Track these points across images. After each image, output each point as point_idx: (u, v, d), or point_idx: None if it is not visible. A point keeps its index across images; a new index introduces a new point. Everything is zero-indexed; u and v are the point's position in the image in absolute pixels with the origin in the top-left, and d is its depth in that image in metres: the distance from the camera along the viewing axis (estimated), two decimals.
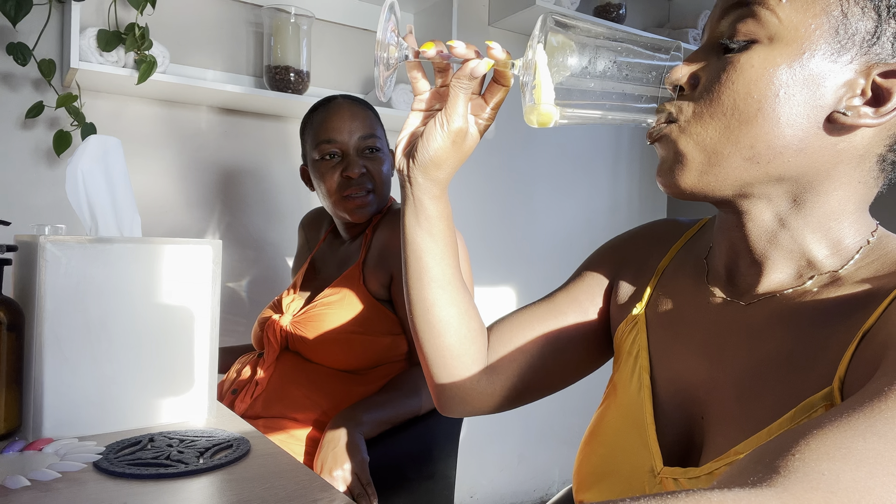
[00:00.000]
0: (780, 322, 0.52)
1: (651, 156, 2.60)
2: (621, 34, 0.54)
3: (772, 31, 0.49)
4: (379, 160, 1.26)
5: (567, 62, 0.53)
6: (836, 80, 0.48)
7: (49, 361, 0.66)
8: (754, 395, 0.51)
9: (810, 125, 0.49)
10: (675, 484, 0.53)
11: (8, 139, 1.48)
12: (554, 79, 0.53)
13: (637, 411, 0.60)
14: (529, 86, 0.54)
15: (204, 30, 1.70)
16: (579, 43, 0.53)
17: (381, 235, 1.24)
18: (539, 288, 2.31)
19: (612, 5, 2.18)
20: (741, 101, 0.49)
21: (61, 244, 0.67)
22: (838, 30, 0.48)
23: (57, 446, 0.63)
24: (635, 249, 0.71)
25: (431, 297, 0.67)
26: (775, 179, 0.51)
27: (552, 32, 0.53)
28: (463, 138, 0.60)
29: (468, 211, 2.15)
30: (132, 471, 0.58)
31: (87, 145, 0.82)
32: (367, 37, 1.96)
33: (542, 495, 2.38)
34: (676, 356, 0.59)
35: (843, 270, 0.52)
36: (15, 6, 1.30)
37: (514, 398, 0.71)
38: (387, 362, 1.21)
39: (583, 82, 0.54)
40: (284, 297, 1.30)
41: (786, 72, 0.48)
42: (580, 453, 0.65)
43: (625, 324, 0.66)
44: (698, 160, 0.52)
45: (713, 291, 0.59)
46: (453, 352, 0.68)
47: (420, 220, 0.64)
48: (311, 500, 0.55)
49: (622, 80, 0.54)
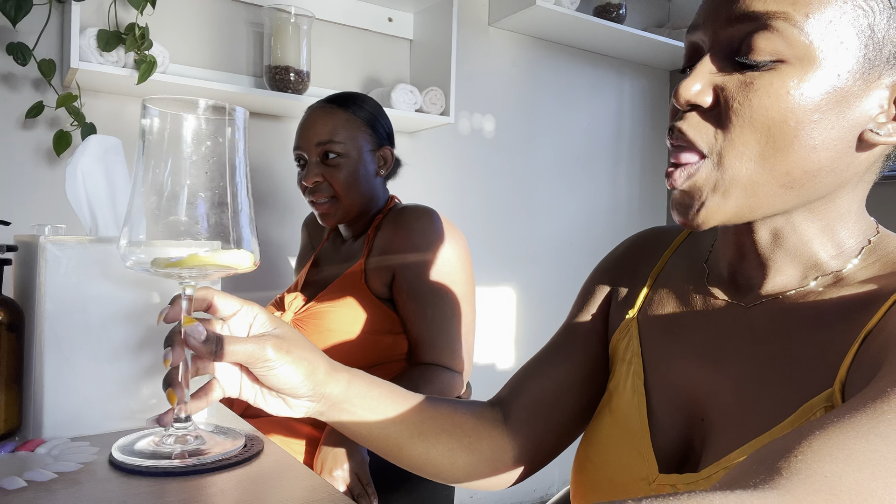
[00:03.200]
0: (782, 324, 0.51)
1: (651, 156, 2.60)
2: None
3: (800, 51, 0.45)
4: (339, 165, 1.23)
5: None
6: (867, 99, 0.46)
7: (49, 361, 0.66)
8: (755, 398, 0.50)
9: (843, 146, 0.47)
10: (671, 490, 0.52)
11: (8, 139, 1.48)
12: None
13: (631, 418, 0.59)
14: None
15: (204, 30, 1.70)
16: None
17: (384, 235, 1.24)
18: (539, 288, 2.31)
19: (612, 5, 2.18)
20: (776, 129, 0.46)
21: (61, 244, 0.67)
22: (867, 45, 0.45)
23: (49, 447, 0.63)
24: (625, 264, 0.69)
25: (415, 456, 0.64)
26: (805, 199, 0.49)
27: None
28: (268, 379, 0.57)
29: (468, 211, 2.15)
30: (132, 468, 0.58)
31: (87, 145, 0.82)
32: (367, 37, 1.96)
33: (542, 495, 2.38)
34: (674, 359, 0.58)
35: (846, 271, 0.51)
36: (15, 6, 1.30)
37: (543, 459, 0.69)
38: (387, 361, 1.21)
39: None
40: (287, 296, 1.30)
41: (820, 96, 0.45)
42: (576, 460, 0.64)
43: (618, 331, 0.65)
44: (735, 194, 0.48)
45: (714, 294, 0.58)
46: (469, 468, 0.66)
47: (344, 429, 0.63)
48: (311, 500, 0.55)
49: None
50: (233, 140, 0.58)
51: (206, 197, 0.56)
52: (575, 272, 2.38)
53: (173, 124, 0.56)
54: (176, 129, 0.56)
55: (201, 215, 0.56)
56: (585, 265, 2.41)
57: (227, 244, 0.57)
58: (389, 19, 1.97)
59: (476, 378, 2.15)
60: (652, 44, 2.28)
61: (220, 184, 0.57)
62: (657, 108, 2.61)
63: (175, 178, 0.56)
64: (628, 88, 2.53)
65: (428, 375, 1.16)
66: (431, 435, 0.64)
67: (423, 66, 1.98)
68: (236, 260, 0.57)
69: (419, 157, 2.05)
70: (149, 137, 0.56)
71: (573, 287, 2.38)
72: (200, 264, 0.56)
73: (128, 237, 0.57)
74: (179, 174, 0.56)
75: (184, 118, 0.56)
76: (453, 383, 1.18)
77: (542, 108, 2.31)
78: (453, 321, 1.19)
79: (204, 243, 0.56)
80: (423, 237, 1.20)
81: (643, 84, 2.57)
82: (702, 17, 0.51)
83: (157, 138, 0.56)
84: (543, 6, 1.96)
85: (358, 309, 1.19)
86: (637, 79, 2.55)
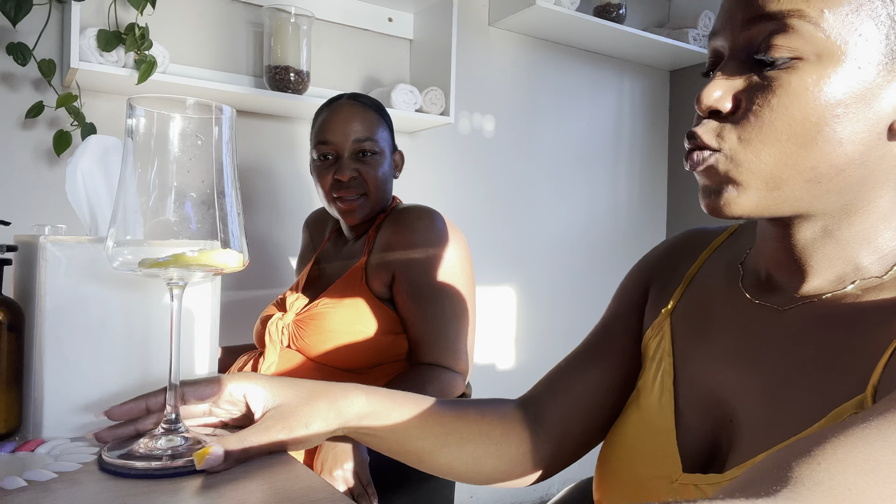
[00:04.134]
0: (816, 327, 0.50)
1: (651, 156, 2.60)
2: None
3: (818, 47, 0.45)
4: (374, 164, 1.26)
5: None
6: (893, 89, 0.46)
7: (49, 361, 0.66)
8: (785, 401, 0.49)
9: (871, 138, 0.46)
10: (695, 490, 0.52)
11: (8, 139, 1.48)
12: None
13: (658, 417, 0.58)
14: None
15: (204, 30, 1.70)
16: None
17: (385, 235, 1.24)
18: (539, 288, 2.31)
19: (612, 5, 2.18)
20: (798, 126, 0.46)
21: (61, 244, 0.67)
22: (888, 35, 0.45)
23: (49, 447, 0.63)
24: (664, 263, 0.69)
25: (439, 465, 0.65)
26: (836, 193, 0.48)
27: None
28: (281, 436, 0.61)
29: (468, 211, 2.15)
30: (136, 469, 0.58)
31: (87, 145, 0.82)
32: (367, 37, 1.96)
33: (542, 495, 2.38)
34: (704, 359, 0.57)
35: (887, 276, 0.50)
36: (15, 6, 1.30)
37: (570, 458, 0.69)
38: (388, 361, 1.21)
39: None
40: (288, 296, 1.30)
41: (842, 90, 0.45)
42: (601, 455, 0.64)
43: (651, 329, 0.64)
44: (755, 186, 0.48)
45: (748, 295, 0.57)
46: (494, 473, 0.66)
47: (366, 444, 0.65)
48: (311, 500, 0.55)
49: None
50: (219, 139, 0.58)
51: (193, 196, 0.56)
52: (575, 272, 2.38)
53: (159, 124, 0.56)
54: (162, 129, 0.56)
55: (189, 215, 0.56)
56: (585, 265, 2.41)
57: (214, 244, 0.57)
58: (389, 19, 1.97)
59: (476, 378, 2.15)
60: (652, 44, 2.28)
61: (208, 183, 0.57)
62: (657, 108, 2.61)
63: (162, 177, 0.56)
64: (628, 88, 2.53)
65: (428, 376, 1.16)
66: (456, 446, 0.65)
67: (423, 66, 1.98)
68: (224, 260, 0.57)
69: (419, 157, 2.05)
70: (135, 137, 0.56)
71: (573, 287, 2.39)
72: (188, 264, 0.55)
73: (115, 238, 0.57)
74: (166, 174, 0.55)
75: (170, 117, 0.56)
76: (454, 383, 1.18)
77: (542, 108, 2.31)
78: (454, 321, 1.19)
79: (192, 243, 0.56)
80: (424, 237, 1.20)
81: (643, 84, 2.57)
82: (720, 23, 0.51)
83: (143, 138, 0.56)
84: (543, 6, 1.96)
85: (359, 309, 1.19)
86: (637, 79, 2.55)
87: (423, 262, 1.19)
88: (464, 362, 1.21)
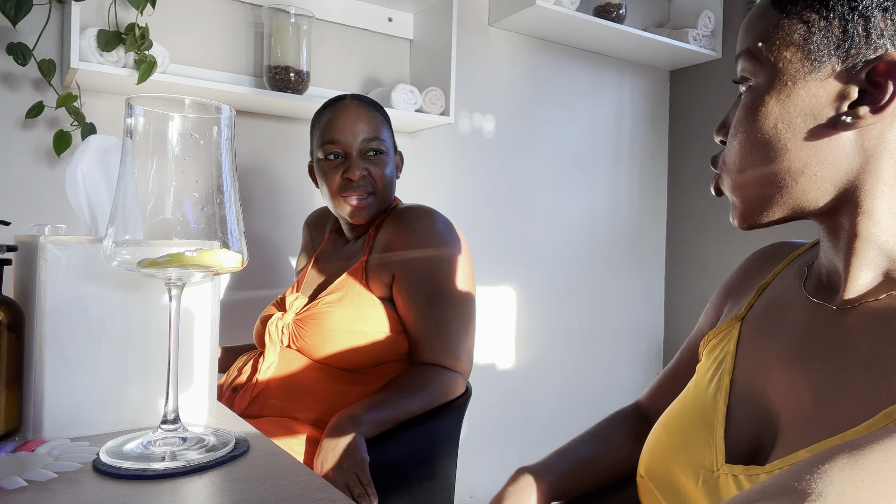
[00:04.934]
0: (870, 328, 0.52)
1: (651, 156, 2.60)
2: None
3: (760, 71, 0.55)
4: (381, 163, 1.27)
5: None
6: (827, 93, 0.51)
7: (49, 361, 0.66)
8: (834, 399, 0.50)
9: (820, 139, 0.51)
10: (733, 480, 0.54)
11: (8, 139, 1.48)
12: None
13: (709, 411, 0.61)
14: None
15: (204, 30, 1.70)
16: None
17: (385, 235, 1.24)
18: (539, 288, 2.31)
19: (612, 5, 2.18)
20: (751, 141, 0.55)
21: (61, 244, 0.67)
22: (809, 47, 0.51)
23: (49, 447, 0.63)
24: (743, 276, 0.74)
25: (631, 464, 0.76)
26: (817, 190, 0.53)
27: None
28: None
29: (468, 211, 2.15)
30: (131, 471, 0.58)
31: (87, 145, 0.82)
32: (367, 37, 1.96)
33: None
34: (762, 357, 0.60)
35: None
36: (15, 6, 1.30)
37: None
38: (388, 361, 1.21)
39: None
40: (288, 296, 1.31)
41: (777, 105, 0.53)
42: (651, 434, 0.68)
43: (715, 330, 0.68)
44: (739, 201, 0.58)
45: (807, 295, 0.60)
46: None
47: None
48: (311, 500, 0.55)
49: None
50: (219, 138, 0.58)
51: (191, 196, 0.56)
52: (575, 272, 2.38)
53: (158, 123, 0.56)
54: (161, 128, 0.56)
55: (187, 215, 0.56)
56: (585, 265, 2.41)
57: (213, 244, 0.57)
58: (389, 19, 1.97)
59: (476, 378, 2.16)
60: (652, 44, 2.28)
61: (206, 182, 0.57)
62: (657, 109, 2.61)
63: (161, 177, 0.55)
64: (628, 88, 2.53)
65: (428, 376, 1.16)
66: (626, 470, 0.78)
67: (423, 66, 1.98)
68: (223, 260, 0.57)
69: (419, 157, 2.05)
70: (134, 137, 0.56)
71: (573, 287, 2.39)
72: (186, 264, 0.55)
73: (113, 237, 0.56)
74: (165, 173, 0.55)
75: (169, 117, 0.56)
76: (454, 384, 1.18)
77: (542, 108, 2.31)
78: (454, 321, 1.19)
79: (190, 243, 0.56)
80: (424, 237, 1.20)
81: (643, 84, 2.57)
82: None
83: (142, 138, 0.56)
84: (543, 6, 1.96)
85: (359, 308, 1.19)
86: (637, 79, 2.55)
87: (423, 261, 1.19)
88: (464, 362, 1.21)
